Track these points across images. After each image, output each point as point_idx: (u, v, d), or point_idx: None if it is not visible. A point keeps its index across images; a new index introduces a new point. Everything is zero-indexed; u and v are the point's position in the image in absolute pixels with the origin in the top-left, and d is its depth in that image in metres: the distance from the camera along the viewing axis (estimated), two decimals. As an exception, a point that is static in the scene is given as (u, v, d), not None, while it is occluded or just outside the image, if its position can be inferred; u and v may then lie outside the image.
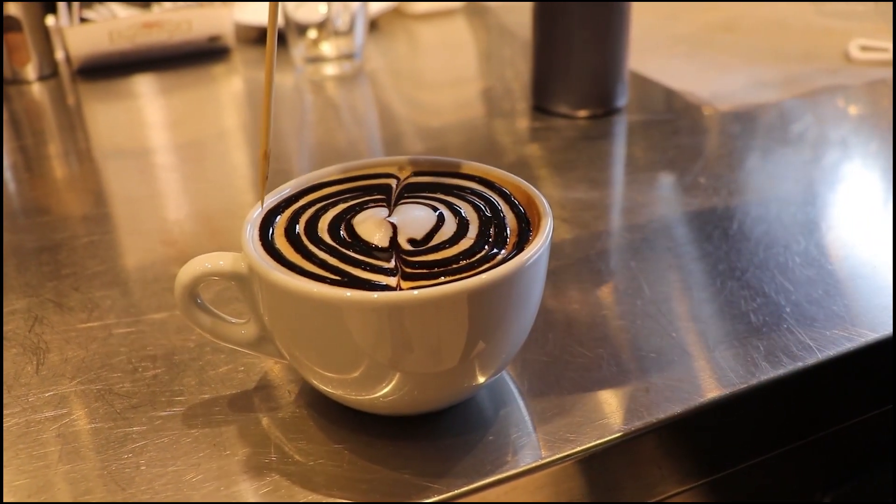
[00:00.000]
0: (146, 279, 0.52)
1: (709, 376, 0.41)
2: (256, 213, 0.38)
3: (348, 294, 0.33)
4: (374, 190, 0.41)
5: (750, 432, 0.43)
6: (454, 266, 0.35)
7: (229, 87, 0.91)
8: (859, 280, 0.49)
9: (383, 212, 0.38)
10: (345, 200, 0.40)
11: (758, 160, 0.65)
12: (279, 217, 0.38)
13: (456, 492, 0.35)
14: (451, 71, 0.94)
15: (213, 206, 0.63)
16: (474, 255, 0.35)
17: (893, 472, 0.51)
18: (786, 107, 0.76)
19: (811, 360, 0.42)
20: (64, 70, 0.93)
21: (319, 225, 0.38)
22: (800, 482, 0.48)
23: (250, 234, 0.37)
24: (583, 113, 0.73)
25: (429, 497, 0.35)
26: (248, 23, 1.01)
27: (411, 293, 0.33)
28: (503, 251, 0.35)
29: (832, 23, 0.98)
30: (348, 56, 0.89)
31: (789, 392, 0.42)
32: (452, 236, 0.37)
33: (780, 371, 0.41)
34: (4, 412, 0.40)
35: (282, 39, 0.97)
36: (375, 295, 0.33)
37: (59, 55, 0.93)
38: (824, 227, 0.55)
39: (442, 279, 0.34)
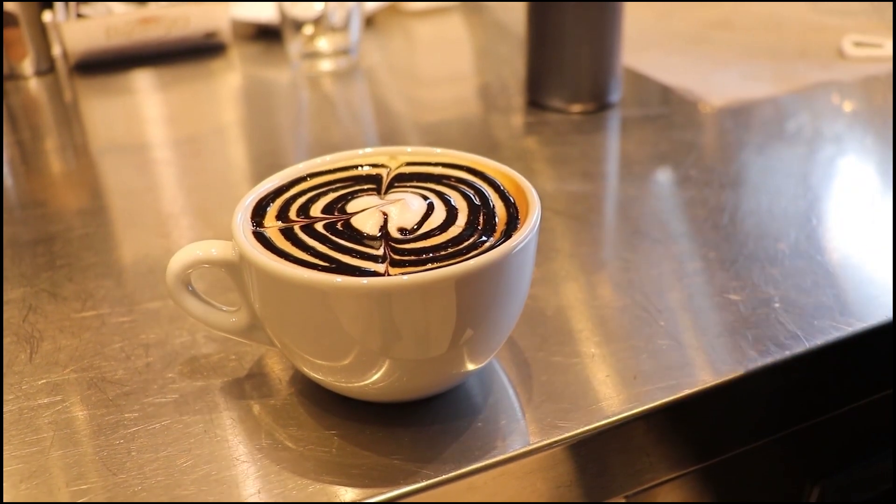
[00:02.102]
0: (140, 270, 0.52)
1: (697, 365, 0.41)
2: (248, 202, 0.39)
3: (337, 280, 0.33)
4: (365, 180, 0.41)
5: (738, 420, 0.43)
6: (442, 253, 0.35)
7: (226, 83, 0.91)
8: (849, 271, 0.49)
9: (374, 200, 0.39)
10: (335, 190, 0.40)
11: (751, 155, 0.66)
12: (270, 205, 0.39)
13: (445, 477, 0.35)
14: (447, 67, 0.94)
15: (209, 201, 0.63)
16: (462, 243, 0.35)
17: (893, 459, 0.52)
18: (779, 102, 0.76)
19: (799, 349, 0.42)
20: (61, 66, 0.93)
21: (310, 213, 0.38)
22: (788, 471, 0.49)
23: (241, 221, 0.37)
24: (576, 108, 0.74)
25: (418, 482, 0.35)
26: (245, 19, 1.01)
27: (399, 279, 0.33)
28: (491, 238, 0.36)
29: (826, 19, 0.98)
30: (344, 52, 0.89)
31: (777, 381, 0.42)
32: (441, 224, 0.37)
33: (768, 360, 0.42)
34: (-2, 399, 0.41)
35: (277, 35, 0.98)
36: (364, 281, 0.33)
37: (56, 51, 0.94)
38: (815, 220, 0.55)
39: (430, 266, 0.34)
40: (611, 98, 0.74)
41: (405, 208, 0.38)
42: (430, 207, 0.38)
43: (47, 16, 0.93)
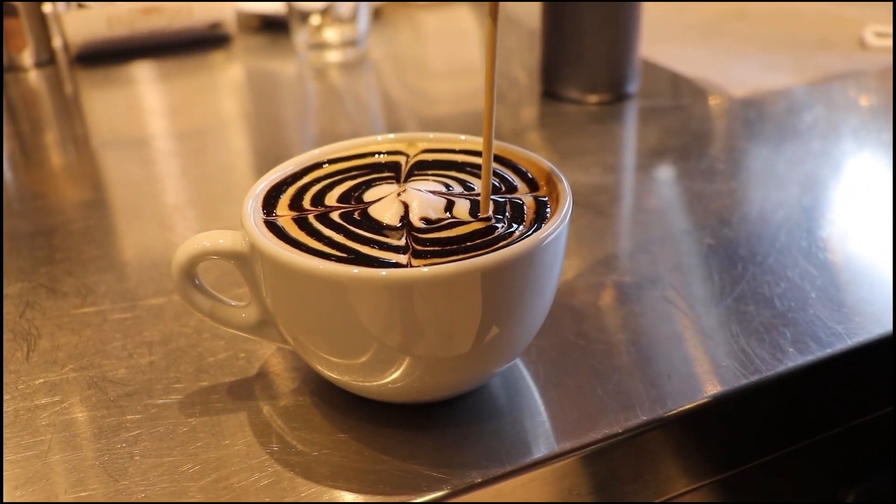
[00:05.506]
0: (143, 264, 0.50)
1: (734, 363, 0.39)
2: (259, 189, 0.36)
3: (355, 271, 0.31)
4: (383, 167, 0.39)
5: (777, 421, 0.41)
6: (468, 244, 0.32)
7: (229, 74, 0.88)
8: (887, 264, 0.47)
9: (392, 189, 0.36)
10: (352, 178, 0.38)
11: (775, 145, 0.63)
12: (282, 194, 0.36)
13: (470, 483, 0.33)
14: (456, 59, 0.92)
15: (214, 194, 0.61)
16: (490, 233, 0.33)
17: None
18: (801, 93, 0.74)
19: (840, 347, 0.40)
20: (61, 57, 0.91)
21: (325, 202, 0.36)
22: (824, 476, 0.46)
23: (251, 209, 0.35)
24: (593, 98, 0.71)
25: (440, 489, 0.33)
26: (250, 10, 0.99)
27: (421, 270, 0.31)
28: (520, 228, 0.33)
29: (845, 10, 0.96)
30: (351, 43, 0.87)
31: (818, 380, 0.40)
32: (466, 214, 0.34)
33: (809, 358, 0.39)
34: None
35: (282, 27, 0.95)
36: (384, 272, 0.31)
37: (57, 42, 0.91)
38: (848, 212, 0.53)
39: (455, 257, 0.32)
40: (628, 88, 0.72)
41: (426, 197, 0.35)
42: (454, 196, 0.35)
43: (47, 6, 0.91)
